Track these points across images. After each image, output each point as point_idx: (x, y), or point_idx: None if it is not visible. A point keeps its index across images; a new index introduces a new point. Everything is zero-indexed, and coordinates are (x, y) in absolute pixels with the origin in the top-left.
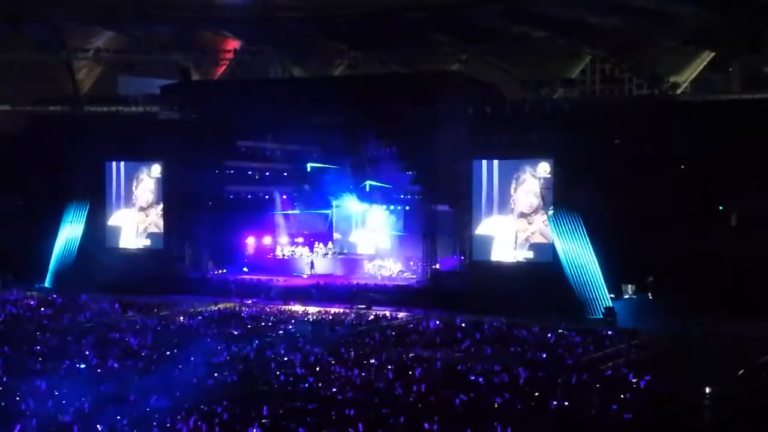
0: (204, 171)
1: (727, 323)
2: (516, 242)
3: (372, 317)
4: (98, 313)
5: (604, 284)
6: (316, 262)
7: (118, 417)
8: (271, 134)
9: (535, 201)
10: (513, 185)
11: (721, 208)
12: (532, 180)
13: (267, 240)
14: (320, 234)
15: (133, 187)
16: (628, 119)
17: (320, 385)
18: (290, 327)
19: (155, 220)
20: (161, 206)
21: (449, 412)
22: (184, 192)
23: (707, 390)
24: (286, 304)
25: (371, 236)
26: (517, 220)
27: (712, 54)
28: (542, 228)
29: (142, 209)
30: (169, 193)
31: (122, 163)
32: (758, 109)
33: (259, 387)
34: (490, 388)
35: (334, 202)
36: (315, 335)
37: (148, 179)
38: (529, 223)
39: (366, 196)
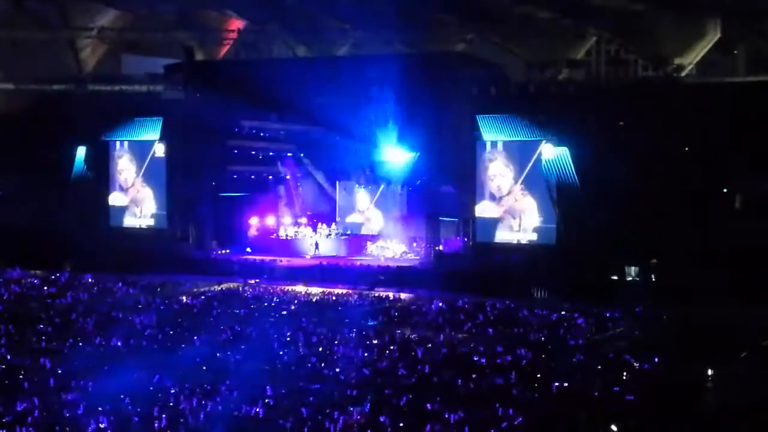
0: (208, 150)
1: (730, 306)
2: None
3: (375, 298)
4: (102, 292)
5: (607, 265)
6: (319, 242)
7: (122, 395)
8: (274, 114)
9: (505, 183)
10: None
11: (725, 190)
12: (497, 163)
13: (270, 220)
14: (324, 214)
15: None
16: (633, 101)
17: (323, 365)
18: (293, 307)
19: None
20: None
21: (451, 393)
22: (188, 172)
23: (709, 372)
24: (289, 285)
25: (375, 217)
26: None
27: (718, 36)
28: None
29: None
30: (172, 172)
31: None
32: (763, 92)
33: (263, 366)
34: (493, 370)
35: (338, 183)
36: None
37: (124, 160)
38: (500, 206)
39: (370, 177)
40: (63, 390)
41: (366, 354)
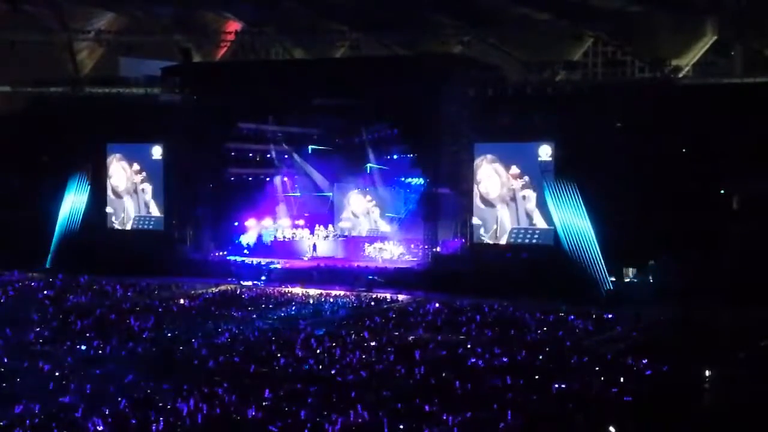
0: (205, 153)
1: (728, 307)
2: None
3: (373, 300)
4: (99, 295)
5: (605, 267)
6: (317, 244)
7: (119, 398)
8: (272, 116)
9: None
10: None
11: (722, 191)
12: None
13: (268, 222)
14: (321, 216)
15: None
16: (630, 102)
17: (321, 367)
18: (291, 309)
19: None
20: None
21: (449, 395)
22: (186, 174)
23: (707, 373)
24: (287, 286)
25: (372, 219)
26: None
27: (714, 37)
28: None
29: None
30: (170, 174)
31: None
32: (760, 93)
33: (259, 369)
34: (490, 371)
35: (335, 185)
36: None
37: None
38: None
39: (367, 179)
40: (61, 393)
41: (364, 356)
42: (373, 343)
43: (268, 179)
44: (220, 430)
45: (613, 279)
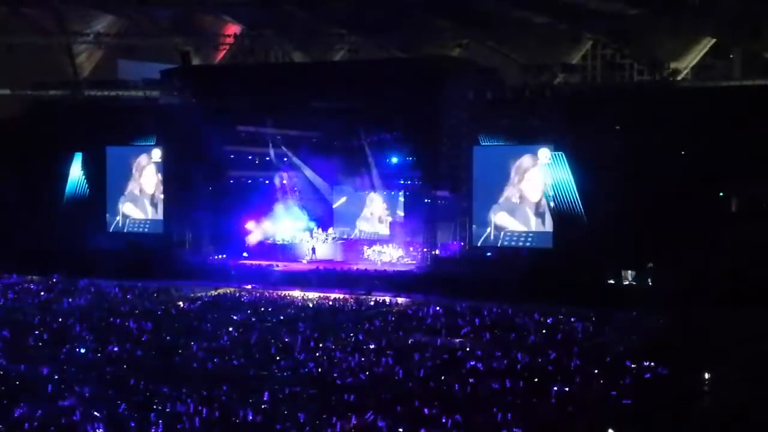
0: (204, 155)
1: (727, 309)
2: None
3: (372, 303)
4: (98, 297)
5: (603, 269)
6: (316, 247)
7: (119, 401)
8: (271, 119)
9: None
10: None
11: (721, 194)
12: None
13: (267, 225)
14: (320, 219)
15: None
16: (629, 105)
17: (320, 370)
18: (290, 312)
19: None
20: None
21: (449, 398)
22: (184, 177)
23: (707, 376)
24: (286, 289)
25: (371, 222)
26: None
27: (713, 40)
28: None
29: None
30: (169, 177)
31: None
32: (759, 95)
33: (259, 372)
34: (490, 374)
35: (335, 187)
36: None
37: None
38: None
39: (366, 181)
40: (60, 396)
41: (363, 358)
42: (372, 346)
43: (267, 182)
44: None
45: (612, 281)
